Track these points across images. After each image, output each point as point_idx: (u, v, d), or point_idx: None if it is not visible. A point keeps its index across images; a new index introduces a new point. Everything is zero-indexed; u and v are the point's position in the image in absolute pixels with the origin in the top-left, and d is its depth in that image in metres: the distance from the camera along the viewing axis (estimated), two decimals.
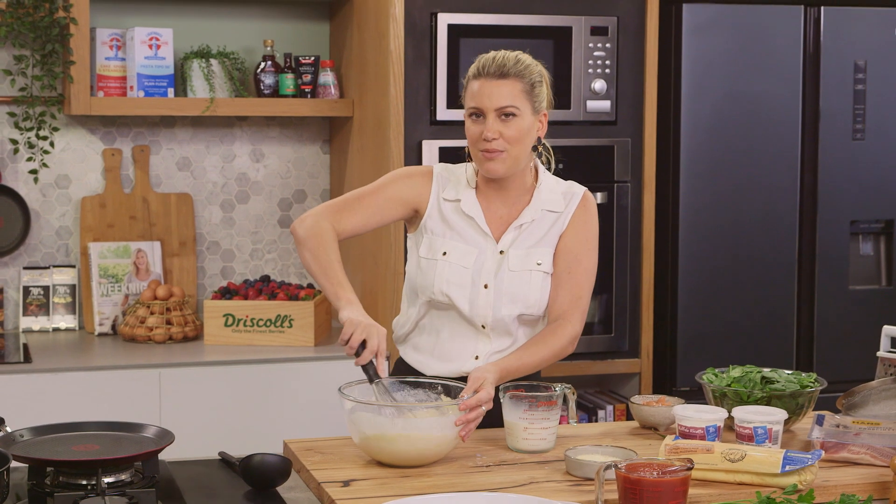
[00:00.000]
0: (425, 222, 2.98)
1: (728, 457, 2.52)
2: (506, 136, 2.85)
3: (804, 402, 2.88)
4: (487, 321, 2.93)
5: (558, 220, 2.98)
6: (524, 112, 2.87)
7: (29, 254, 4.51)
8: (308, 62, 4.50)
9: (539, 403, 2.72)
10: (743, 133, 4.39)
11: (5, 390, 3.83)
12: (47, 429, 2.63)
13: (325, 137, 4.74)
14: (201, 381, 3.98)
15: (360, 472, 2.57)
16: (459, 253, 2.94)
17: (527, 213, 2.96)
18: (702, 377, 2.97)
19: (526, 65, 2.91)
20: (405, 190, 3.00)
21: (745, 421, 2.69)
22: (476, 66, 2.91)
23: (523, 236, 2.95)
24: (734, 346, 4.41)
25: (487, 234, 2.95)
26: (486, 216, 2.96)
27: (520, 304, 2.93)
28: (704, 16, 4.33)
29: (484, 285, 2.92)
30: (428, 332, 3.00)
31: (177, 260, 4.57)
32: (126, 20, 4.46)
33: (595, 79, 4.25)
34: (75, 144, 4.51)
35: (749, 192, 4.41)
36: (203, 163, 4.64)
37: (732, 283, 4.41)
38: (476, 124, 2.88)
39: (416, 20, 4.11)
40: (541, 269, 2.94)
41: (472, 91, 2.89)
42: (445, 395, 2.76)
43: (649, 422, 2.92)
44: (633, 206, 4.34)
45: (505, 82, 2.86)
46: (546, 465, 2.64)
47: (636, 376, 4.43)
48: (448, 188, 2.99)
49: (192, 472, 2.67)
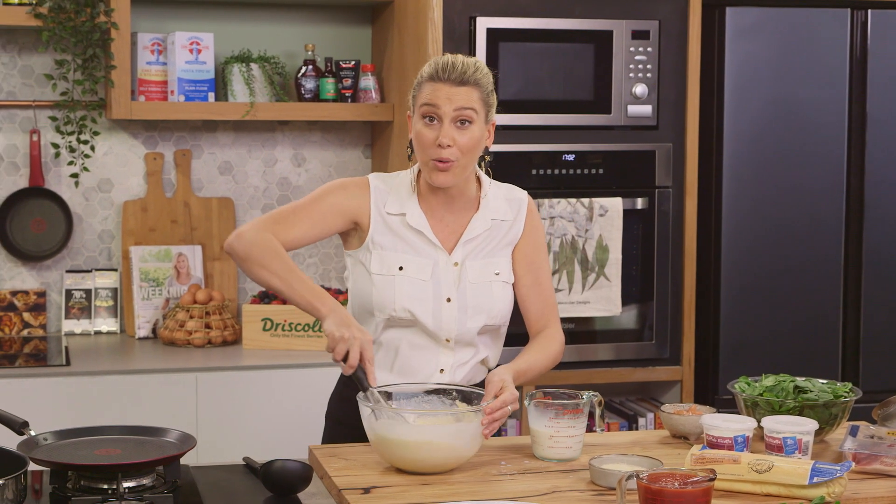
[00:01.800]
0: (372, 237, 2.88)
1: (755, 467, 2.48)
2: (459, 144, 2.77)
3: (838, 413, 2.82)
4: (452, 335, 2.88)
5: (511, 229, 2.95)
6: (479, 120, 2.79)
7: (72, 257, 4.53)
8: (349, 66, 4.49)
9: (565, 411, 2.68)
10: (787, 138, 4.33)
11: (45, 392, 3.85)
12: (70, 433, 2.63)
13: (366, 142, 4.73)
14: (238, 385, 3.98)
15: (382, 479, 2.55)
16: (415, 266, 2.87)
17: (476, 225, 2.91)
18: (734, 386, 2.93)
19: (484, 72, 2.81)
20: (343, 201, 2.88)
21: (775, 431, 2.64)
22: (433, 68, 2.79)
23: (477, 248, 2.91)
24: (778, 355, 4.35)
25: (438, 246, 2.89)
26: (433, 227, 2.89)
27: (483, 316, 2.89)
28: (748, 19, 4.28)
29: (447, 299, 2.87)
30: (385, 349, 2.91)
31: (218, 264, 4.58)
32: (167, 25, 4.48)
33: (636, 83, 4.21)
34: (118, 148, 4.53)
35: (793, 197, 4.35)
36: (245, 167, 4.64)
37: (776, 290, 4.36)
38: (430, 129, 2.78)
39: (455, 24, 4.09)
40: (500, 279, 2.92)
41: (428, 92, 2.78)
42: (462, 402, 2.72)
43: (679, 431, 2.88)
44: (674, 211, 4.30)
45: (464, 89, 2.76)
46: (571, 474, 2.60)
47: (677, 384, 4.38)
48: (389, 201, 2.89)
49: (215, 477, 2.66)
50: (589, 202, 4.17)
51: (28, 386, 3.85)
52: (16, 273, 4.48)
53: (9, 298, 4.45)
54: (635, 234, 4.27)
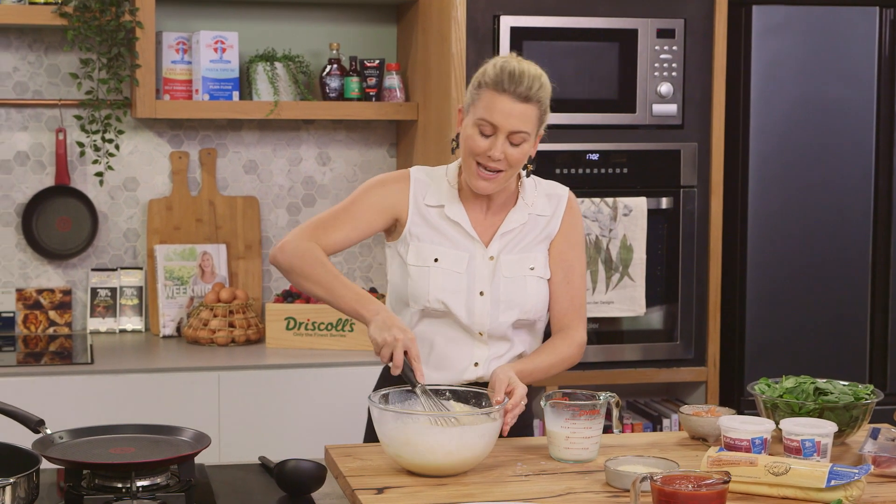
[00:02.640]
0: (409, 229, 2.89)
1: (772, 470, 2.45)
2: (510, 158, 2.76)
3: (858, 415, 2.79)
4: (485, 328, 2.88)
5: (548, 224, 2.93)
6: (531, 137, 2.79)
7: (97, 256, 4.54)
8: (373, 65, 4.48)
9: (581, 412, 2.66)
10: (815, 138, 4.29)
11: (68, 390, 3.86)
12: (85, 431, 2.63)
13: (391, 141, 4.72)
14: (260, 384, 3.98)
15: (396, 479, 2.54)
16: (451, 259, 2.87)
17: (513, 218, 2.90)
18: (754, 387, 2.90)
19: (547, 90, 2.79)
20: (381, 199, 2.90)
21: (793, 433, 2.61)
22: (498, 75, 2.75)
23: (513, 242, 2.90)
24: (804, 356, 4.31)
25: (476, 239, 2.89)
26: (471, 220, 2.90)
27: (517, 310, 2.88)
28: (775, 18, 4.24)
29: (480, 293, 2.87)
30: (420, 341, 2.89)
31: (242, 263, 4.58)
32: (193, 24, 4.48)
33: (661, 82, 4.18)
34: (143, 147, 4.54)
35: (821, 197, 4.31)
36: (270, 166, 4.64)
37: (803, 290, 4.32)
38: (483, 139, 2.76)
39: (479, 23, 4.07)
40: (535, 274, 2.90)
41: (487, 103, 2.75)
42: (456, 402, 2.71)
43: (698, 432, 2.86)
44: (699, 211, 4.27)
45: (526, 107, 2.74)
46: (586, 476, 2.59)
47: (702, 385, 4.35)
48: (429, 193, 2.90)
49: (230, 476, 2.66)
50: (613, 202, 4.14)
51: (52, 384, 3.86)
52: (42, 271, 4.50)
53: (35, 297, 4.47)
54: (660, 234, 4.24)
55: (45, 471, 2.60)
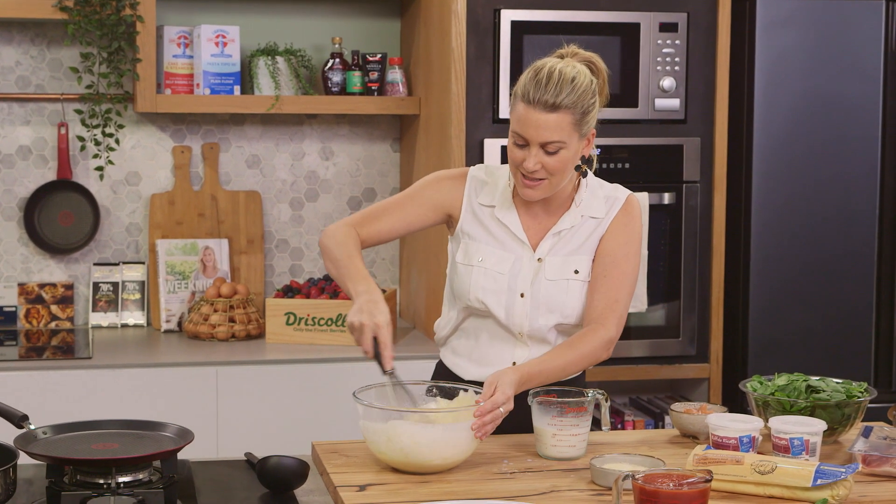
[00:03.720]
0: (461, 227, 2.91)
1: (758, 469, 2.42)
2: (548, 167, 2.73)
3: (851, 413, 2.76)
4: (524, 330, 2.85)
5: (599, 225, 2.87)
6: (570, 143, 2.72)
7: (99, 250, 4.54)
8: (375, 60, 4.46)
9: (568, 409, 2.64)
10: (819, 132, 4.25)
11: (66, 385, 3.86)
12: (69, 427, 2.62)
13: (395, 135, 4.70)
14: (257, 379, 3.97)
15: (379, 476, 2.52)
16: (495, 259, 2.86)
17: (566, 220, 2.87)
18: (745, 385, 2.87)
19: (581, 91, 2.70)
20: (435, 195, 2.92)
21: (782, 432, 2.58)
22: (527, 85, 2.70)
23: (562, 243, 2.86)
24: (808, 353, 4.27)
25: (524, 243, 2.87)
26: (523, 222, 2.87)
27: (557, 314, 2.84)
28: (780, 11, 4.20)
29: (520, 294, 2.84)
30: (467, 335, 2.93)
31: (245, 258, 4.57)
32: (195, 18, 4.47)
33: (664, 76, 4.15)
34: (146, 142, 4.53)
35: (825, 193, 4.27)
36: (272, 160, 4.63)
37: (807, 287, 4.28)
38: (519, 149, 2.74)
39: (479, 17, 4.04)
40: (578, 278, 2.84)
41: (518, 115, 2.72)
42: (442, 398, 2.69)
43: (689, 430, 2.83)
44: (702, 206, 4.23)
45: (554, 116, 2.68)
46: (572, 474, 2.56)
47: (705, 382, 4.31)
48: (484, 192, 2.90)
49: (215, 472, 2.65)
50: None
51: (50, 378, 3.86)
52: (44, 266, 4.50)
53: (37, 291, 4.46)
54: (663, 230, 4.21)
55: (32, 466, 2.59)
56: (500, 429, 2.68)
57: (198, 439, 3.83)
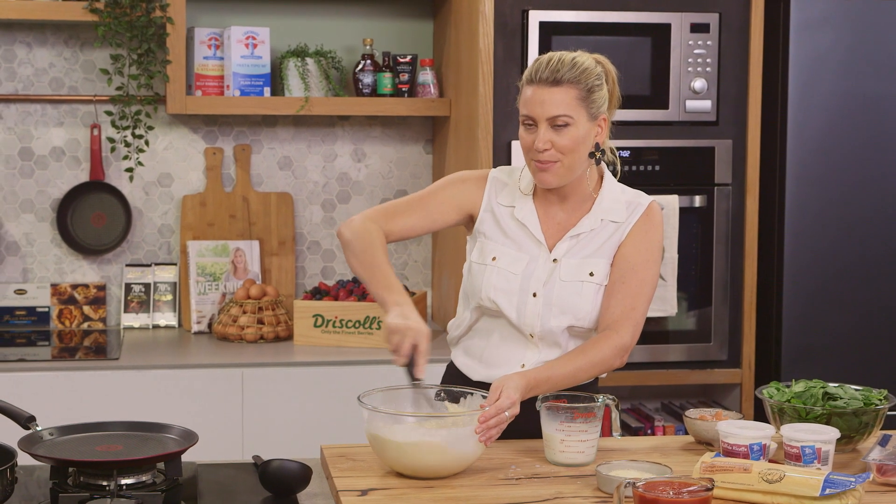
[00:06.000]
0: (479, 226, 2.89)
1: (766, 477, 2.37)
2: (558, 145, 2.72)
3: (869, 421, 2.69)
4: (535, 331, 2.81)
5: (618, 230, 2.83)
6: (579, 120, 2.72)
7: (132, 251, 4.55)
8: (405, 61, 4.44)
9: (576, 415, 2.60)
10: (856, 134, 4.17)
11: (93, 386, 3.87)
12: (75, 428, 2.62)
13: (427, 137, 4.67)
14: (283, 381, 3.96)
15: (383, 481, 2.50)
16: (509, 259, 2.83)
17: (585, 222, 2.83)
18: (761, 391, 2.82)
19: (583, 69, 2.73)
20: (457, 195, 2.91)
21: (793, 440, 2.53)
22: (530, 69, 2.77)
23: (579, 245, 2.83)
24: (844, 359, 4.20)
25: (541, 243, 2.83)
26: (542, 223, 2.85)
27: (569, 316, 2.80)
28: (815, 11, 4.13)
29: (533, 294, 2.81)
30: (480, 335, 2.91)
31: (275, 259, 4.57)
32: (225, 19, 4.47)
33: (695, 77, 4.10)
34: (177, 143, 4.54)
35: (862, 196, 4.19)
36: (304, 162, 4.62)
37: (842, 292, 4.20)
38: (528, 133, 2.76)
39: (508, 18, 4.01)
40: (593, 281, 2.80)
41: (524, 98, 2.76)
42: (450, 403, 2.66)
43: (703, 437, 2.78)
44: (734, 210, 4.17)
45: (558, 90, 2.71)
46: (578, 480, 2.52)
47: (738, 387, 4.25)
48: (503, 193, 2.89)
49: (220, 475, 2.64)
50: None
51: (78, 379, 3.87)
52: (76, 266, 4.52)
53: (69, 292, 4.48)
54: (694, 233, 4.15)
55: (39, 468, 2.60)
56: (510, 433, 2.66)
57: (222, 441, 3.87)
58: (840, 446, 2.68)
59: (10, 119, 4.45)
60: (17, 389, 3.79)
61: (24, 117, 4.45)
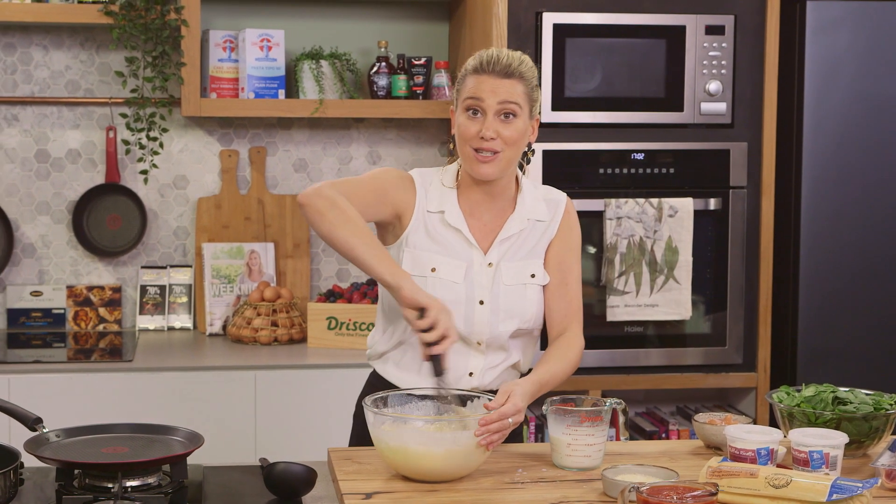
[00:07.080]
0: (407, 235, 2.80)
1: (772, 482, 2.35)
2: (503, 136, 2.71)
3: (879, 426, 2.67)
4: (483, 338, 2.80)
5: (547, 229, 2.86)
6: (523, 114, 2.74)
7: (147, 253, 4.56)
8: (420, 63, 4.44)
9: (584, 418, 2.59)
10: (872, 137, 4.15)
11: (106, 387, 3.88)
12: (80, 430, 2.62)
13: (442, 139, 4.67)
14: (295, 383, 3.95)
15: (388, 484, 2.49)
16: (449, 268, 2.78)
17: (512, 224, 2.83)
18: (771, 396, 2.80)
19: (530, 66, 2.77)
20: (394, 191, 2.80)
21: (801, 444, 2.51)
22: (477, 61, 2.75)
23: (513, 249, 2.83)
24: (860, 363, 4.17)
25: (474, 245, 2.81)
26: (469, 226, 2.82)
27: (516, 320, 2.81)
28: (830, 13, 4.11)
29: (479, 301, 2.79)
30: (413, 348, 2.80)
31: (290, 262, 4.57)
32: (240, 22, 4.48)
33: (710, 80, 4.08)
34: (193, 145, 4.54)
35: (879, 199, 4.17)
36: (319, 164, 4.62)
37: (859, 295, 4.18)
38: (473, 122, 2.72)
39: (521, 20, 4.00)
40: (535, 282, 2.83)
41: (471, 85, 2.73)
42: (458, 406, 2.65)
43: (712, 441, 2.76)
44: (749, 213, 4.15)
45: (509, 82, 2.72)
46: (585, 484, 2.51)
47: (753, 391, 4.23)
48: (431, 198, 2.82)
49: (226, 477, 2.63)
50: (658, 202, 4.04)
51: (93, 380, 3.88)
52: (92, 268, 4.53)
53: (85, 293, 4.50)
54: (708, 236, 4.13)
55: (45, 469, 2.60)
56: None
57: (234, 443, 3.87)
58: (850, 451, 2.66)
59: (27, 121, 4.46)
60: (32, 391, 3.81)
61: (41, 120, 4.47)
